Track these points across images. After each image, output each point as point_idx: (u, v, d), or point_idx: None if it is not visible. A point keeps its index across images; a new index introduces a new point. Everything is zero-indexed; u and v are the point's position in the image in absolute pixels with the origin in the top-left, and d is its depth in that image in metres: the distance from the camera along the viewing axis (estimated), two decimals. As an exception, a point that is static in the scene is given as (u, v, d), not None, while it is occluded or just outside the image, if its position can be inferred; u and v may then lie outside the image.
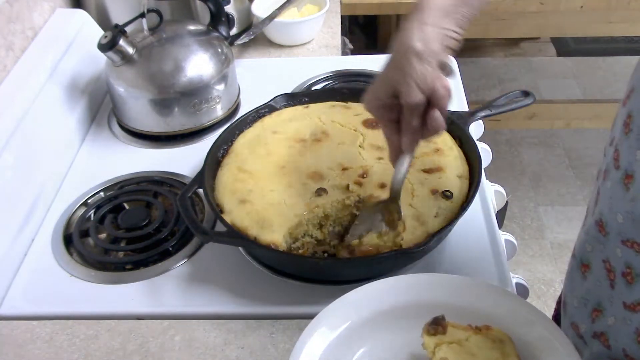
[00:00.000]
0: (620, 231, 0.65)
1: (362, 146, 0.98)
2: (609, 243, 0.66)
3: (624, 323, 0.64)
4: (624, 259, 0.64)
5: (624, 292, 0.64)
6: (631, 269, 0.63)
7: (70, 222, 1.01)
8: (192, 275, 0.91)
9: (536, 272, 2.22)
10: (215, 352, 0.81)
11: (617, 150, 0.66)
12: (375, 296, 0.75)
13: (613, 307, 0.66)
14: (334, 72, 1.30)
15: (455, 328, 0.69)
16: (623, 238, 0.64)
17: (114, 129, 1.21)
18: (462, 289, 0.75)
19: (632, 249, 0.63)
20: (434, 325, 0.69)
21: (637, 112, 0.62)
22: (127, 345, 0.82)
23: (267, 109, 1.08)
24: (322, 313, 0.72)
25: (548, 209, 2.51)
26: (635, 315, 0.63)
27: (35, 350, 0.82)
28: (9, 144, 0.96)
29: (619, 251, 0.65)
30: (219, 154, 1.00)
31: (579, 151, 2.73)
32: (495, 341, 0.67)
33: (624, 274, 0.64)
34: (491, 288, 0.76)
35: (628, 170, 0.63)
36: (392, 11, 2.03)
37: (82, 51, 1.21)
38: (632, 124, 0.63)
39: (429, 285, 0.75)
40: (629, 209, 0.63)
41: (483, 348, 0.66)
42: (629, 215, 0.63)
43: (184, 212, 0.88)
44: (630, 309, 0.63)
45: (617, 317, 0.65)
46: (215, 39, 1.20)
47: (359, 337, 0.72)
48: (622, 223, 0.64)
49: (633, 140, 0.62)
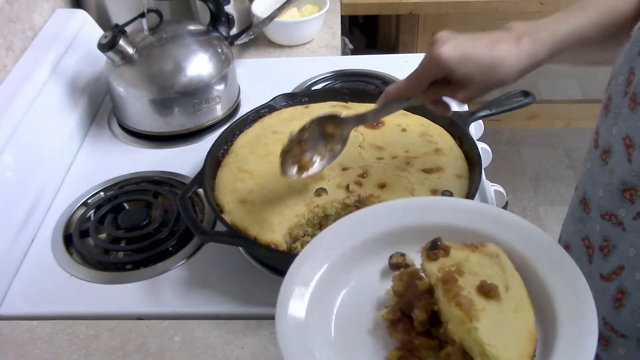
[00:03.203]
0: (600, 205, 0.68)
1: (362, 146, 0.98)
2: (590, 220, 0.70)
3: (602, 294, 0.68)
4: (602, 233, 0.68)
5: (601, 264, 0.68)
6: (608, 242, 0.67)
7: (70, 222, 1.01)
8: (192, 275, 0.91)
9: (536, 272, 2.22)
10: (215, 352, 0.81)
11: (597, 132, 0.70)
12: (349, 232, 0.71)
13: (591, 281, 0.67)
14: (334, 72, 1.30)
15: (453, 249, 0.66)
16: (602, 212, 0.68)
17: (114, 129, 1.22)
18: (444, 210, 0.72)
19: (610, 221, 0.66)
20: (434, 250, 0.65)
21: (616, 94, 0.67)
22: (127, 345, 0.82)
23: (267, 109, 1.08)
24: (295, 262, 0.68)
25: (548, 209, 2.51)
26: (612, 284, 0.66)
27: (35, 350, 0.82)
28: (9, 144, 0.96)
29: (597, 226, 0.68)
30: (219, 154, 1.00)
31: (579, 151, 2.73)
32: (493, 257, 0.65)
33: (601, 247, 0.68)
34: (476, 205, 0.74)
35: (605, 146, 0.68)
36: (392, 11, 2.03)
37: (82, 51, 1.21)
38: (611, 105, 0.68)
39: (405, 211, 0.72)
40: (607, 181, 0.67)
41: (483, 265, 0.64)
42: (607, 187, 0.67)
43: (184, 212, 0.88)
44: (607, 279, 0.67)
45: (596, 289, 0.67)
46: (215, 39, 1.20)
47: (339, 278, 0.68)
48: (601, 197, 0.68)
49: (611, 119, 0.67)
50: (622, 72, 0.67)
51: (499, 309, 0.59)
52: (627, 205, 0.65)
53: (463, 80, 0.75)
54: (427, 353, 0.62)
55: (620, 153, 0.65)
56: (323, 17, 1.43)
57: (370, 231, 0.71)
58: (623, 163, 0.65)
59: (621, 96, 0.67)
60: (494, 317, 0.58)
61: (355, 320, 0.65)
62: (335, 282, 0.67)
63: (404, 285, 0.65)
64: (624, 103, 0.66)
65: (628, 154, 0.64)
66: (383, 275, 0.69)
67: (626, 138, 0.65)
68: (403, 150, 0.97)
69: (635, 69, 0.64)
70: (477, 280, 0.61)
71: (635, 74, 0.64)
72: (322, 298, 0.65)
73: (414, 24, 2.00)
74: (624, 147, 0.65)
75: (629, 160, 0.64)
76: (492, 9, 1.86)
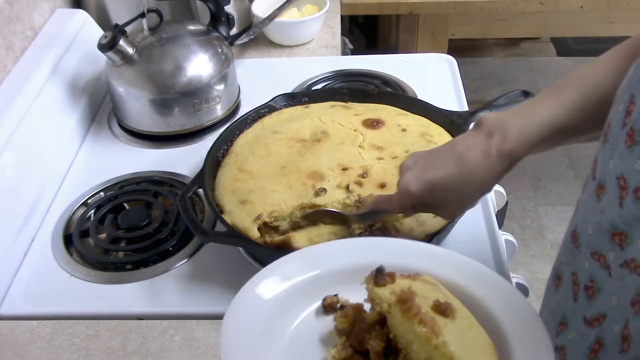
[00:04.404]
0: (589, 243, 0.64)
1: (362, 146, 0.98)
2: (580, 255, 0.65)
3: (581, 339, 0.63)
4: (590, 272, 0.63)
5: (585, 306, 0.63)
6: (594, 283, 0.62)
7: (70, 222, 1.01)
8: (192, 275, 0.91)
9: (536, 272, 2.22)
10: (215, 352, 0.81)
11: (595, 160, 0.65)
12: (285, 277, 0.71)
13: (575, 321, 0.65)
14: (334, 72, 1.30)
15: (397, 278, 0.66)
16: (592, 250, 0.63)
17: (114, 129, 1.22)
18: (376, 250, 0.73)
19: (598, 262, 0.62)
20: (381, 276, 0.65)
21: (615, 123, 0.62)
22: (127, 345, 0.82)
23: (267, 109, 1.08)
24: (274, 264, 0.70)
25: (548, 209, 2.51)
26: (592, 331, 0.62)
27: (35, 350, 0.82)
28: (9, 143, 0.96)
29: (587, 264, 0.64)
30: (219, 154, 1.00)
31: (579, 151, 2.73)
32: (432, 284, 0.66)
33: (586, 287, 0.63)
34: (408, 243, 0.75)
35: (601, 180, 0.63)
36: (392, 11, 2.03)
37: (82, 51, 1.21)
38: (610, 134, 0.62)
39: (337, 252, 0.73)
40: (598, 220, 0.62)
41: (427, 290, 0.64)
42: (598, 227, 0.62)
43: (184, 212, 0.88)
44: (589, 324, 0.62)
45: (578, 332, 0.64)
46: (215, 39, 1.20)
47: (313, 292, 0.69)
48: (591, 234, 0.63)
49: (608, 150, 0.62)
50: (623, 99, 0.61)
51: (456, 327, 0.59)
52: (616, 250, 0.60)
53: (437, 206, 0.74)
54: None
55: (613, 193, 0.60)
56: (323, 17, 1.43)
57: (304, 275, 0.71)
58: (614, 206, 0.59)
59: (619, 127, 0.60)
60: (455, 333, 0.58)
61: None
62: (281, 318, 0.67)
63: (349, 321, 0.65)
64: (621, 137, 0.60)
65: (620, 197, 0.59)
66: (318, 316, 0.69)
67: (620, 178, 0.59)
68: (403, 150, 0.97)
69: (636, 97, 0.58)
70: (429, 301, 0.61)
71: (635, 104, 0.58)
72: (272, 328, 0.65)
73: (414, 24, 2.00)
74: (618, 188, 0.59)
75: (620, 204, 0.59)
76: (492, 9, 1.86)
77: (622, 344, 0.57)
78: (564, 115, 0.70)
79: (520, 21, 2.05)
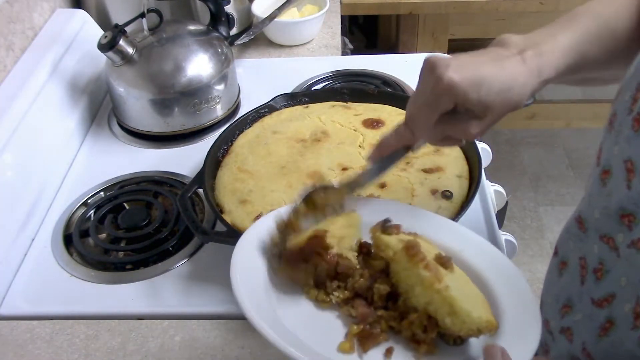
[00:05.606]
0: (597, 227, 0.65)
1: (362, 146, 0.98)
2: (588, 240, 0.66)
3: (589, 319, 0.65)
4: (599, 255, 0.64)
5: (592, 288, 0.65)
6: (602, 265, 0.64)
7: (70, 222, 1.01)
8: (192, 275, 0.91)
9: (536, 272, 2.22)
10: (215, 352, 0.81)
11: (600, 148, 0.66)
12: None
13: (582, 304, 0.66)
14: (334, 72, 1.30)
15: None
16: (600, 233, 0.64)
17: (114, 129, 1.22)
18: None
19: (608, 244, 0.63)
20: (389, 225, 0.68)
21: (621, 111, 0.62)
22: (127, 345, 0.82)
23: (267, 109, 1.08)
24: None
25: (548, 209, 2.51)
26: (602, 311, 0.63)
27: (35, 350, 0.82)
28: (9, 144, 0.96)
29: (595, 247, 0.65)
30: (219, 154, 1.00)
31: (579, 151, 2.73)
32: (432, 244, 0.70)
33: (595, 270, 0.65)
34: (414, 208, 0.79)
35: (606, 165, 0.63)
36: (392, 11, 2.03)
37: (82, 51, 1.21)
38: (615, 121, 0.63)
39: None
40: (605, 204, 0.63)
41: (428, 247, 0.67)
42: (605, 210, 0.63)
43: (184, 212, 0.88)
44: (598, 304, 0.64)
45: (585, 313, 0.65)
46: (215, 39, 1.20)
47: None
48: (598, 219, 0.64)
49: (613, 136, 0.63)
50: (630, 87, 0.61)
51: (455, 278, 0.63)
52: (624, 231, 0.60)
53: (476, 109, 0.64)
54: (388, 324, 0.64)
55: (620, 177, 0.60)
56: (323, 17, 1.43)
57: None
58: (621, 188, 0.60)
59: (625, 114, 0.61)
60: (455, 282, 0.62)
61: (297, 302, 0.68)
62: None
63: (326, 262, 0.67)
64: (627, 122, 0.60)
65: (628, 179, 0.59)
66: None
67: (628, 161, 0.59)
68: (403, 150, 0.97)
69: None
70: (432, 254, 0.65)
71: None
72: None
73: (414, 24, 2.00)
74: (625, 171, 0.60)
75: (628, 186, 0.59)
76: (492, 9, 1.86)
77: (634, 320, 0.59)
78: (584, 42, 0.68)
79: (520, 21, 2.06)
